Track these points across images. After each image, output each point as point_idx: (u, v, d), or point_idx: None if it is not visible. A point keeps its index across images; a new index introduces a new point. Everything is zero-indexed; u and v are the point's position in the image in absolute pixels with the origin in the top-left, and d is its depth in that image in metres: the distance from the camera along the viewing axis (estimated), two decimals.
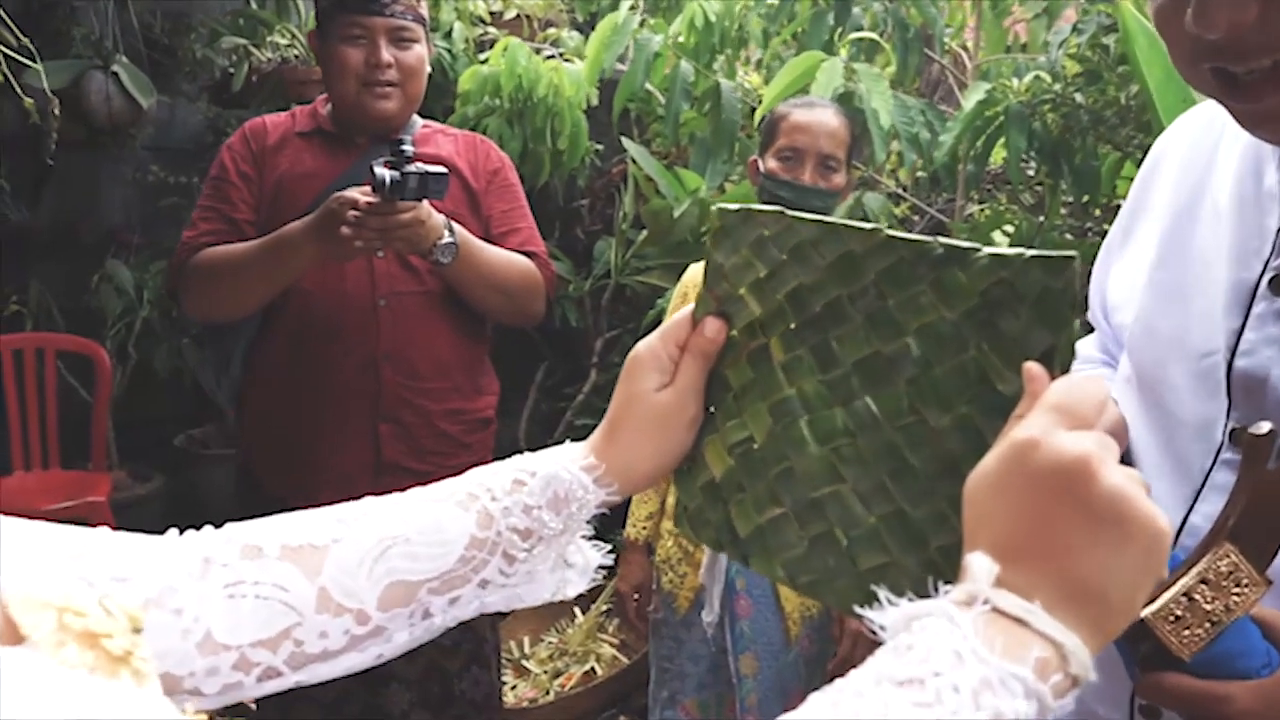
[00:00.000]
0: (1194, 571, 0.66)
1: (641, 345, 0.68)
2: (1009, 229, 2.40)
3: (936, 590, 0.47)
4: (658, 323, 2.07)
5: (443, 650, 1.80)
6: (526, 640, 2.71)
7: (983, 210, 2.38)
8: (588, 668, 2.56)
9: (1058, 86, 1.89)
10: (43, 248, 3.48)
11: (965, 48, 2.53)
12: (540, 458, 0.66)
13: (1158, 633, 0.66)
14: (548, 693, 2.51)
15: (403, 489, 1.86)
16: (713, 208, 0.69)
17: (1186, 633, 0.65)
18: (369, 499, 0.65)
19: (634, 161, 2.83)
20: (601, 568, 0.69)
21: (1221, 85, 0.69)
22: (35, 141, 3.48)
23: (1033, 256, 0.52)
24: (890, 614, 0.45)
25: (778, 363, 0.64)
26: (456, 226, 1.65)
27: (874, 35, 2.15)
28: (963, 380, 0.55)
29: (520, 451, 0.68)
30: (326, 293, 1.68)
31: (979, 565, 0.44)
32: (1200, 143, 0.87)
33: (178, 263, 1.69)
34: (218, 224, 1.70)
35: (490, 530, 0.63)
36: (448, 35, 2.97)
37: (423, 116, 1.86)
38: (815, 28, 2.09)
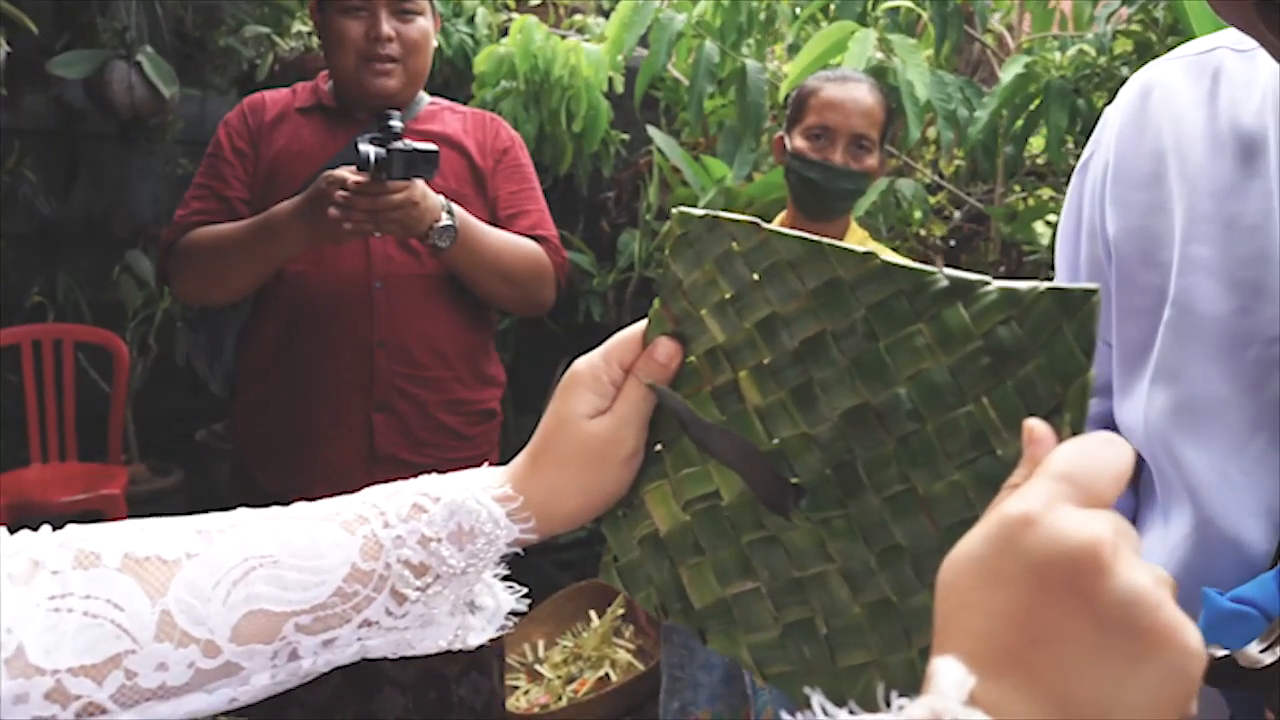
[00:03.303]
0: None
1: (580, 362, 0.58)
2: (1052, 219, 2.26)
3: (888, 703, 0.36)
4: None
5: (440, 654, 1.71)
6: (540, 644, 2.62)
7: (1020, 198, 2.25)
8: (602, 673, 2.46)
9: (1102, 60, 1.75)
10: (72, 241, 3.48)
11: (1010, 27, 2.40)
12: (447, 481, 0.56)
13: None
14: (560, 698, 2.42)
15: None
16: (673, 210, 0.58)
17: None
18: (242, 510, 0.55)
19: (659, 151, 2.74)
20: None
21: (1267, 19, 0.59)
22: (65, 134, 3.49)
23: (1046, 290, 0.44)
24: None
25: (753, 407, 0.54)
26: (456, 208, 1.56)
27: (910, 3, 2.03)
28: (956, 441, 0.46)
29: None
30: (320, 274, 1.60)
31: (948, 675, 0.34)
32: (1182, 105, 0.77)
33: (167, 243, 1.62)
34: (210, 202, 1.63)
35: (377, 562, 0.53)
36: (471, 20, 2.90)
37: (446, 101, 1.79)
38: (846, 2, 1.98)
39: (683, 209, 0.57)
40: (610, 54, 2.35)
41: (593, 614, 2.63)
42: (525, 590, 0.59)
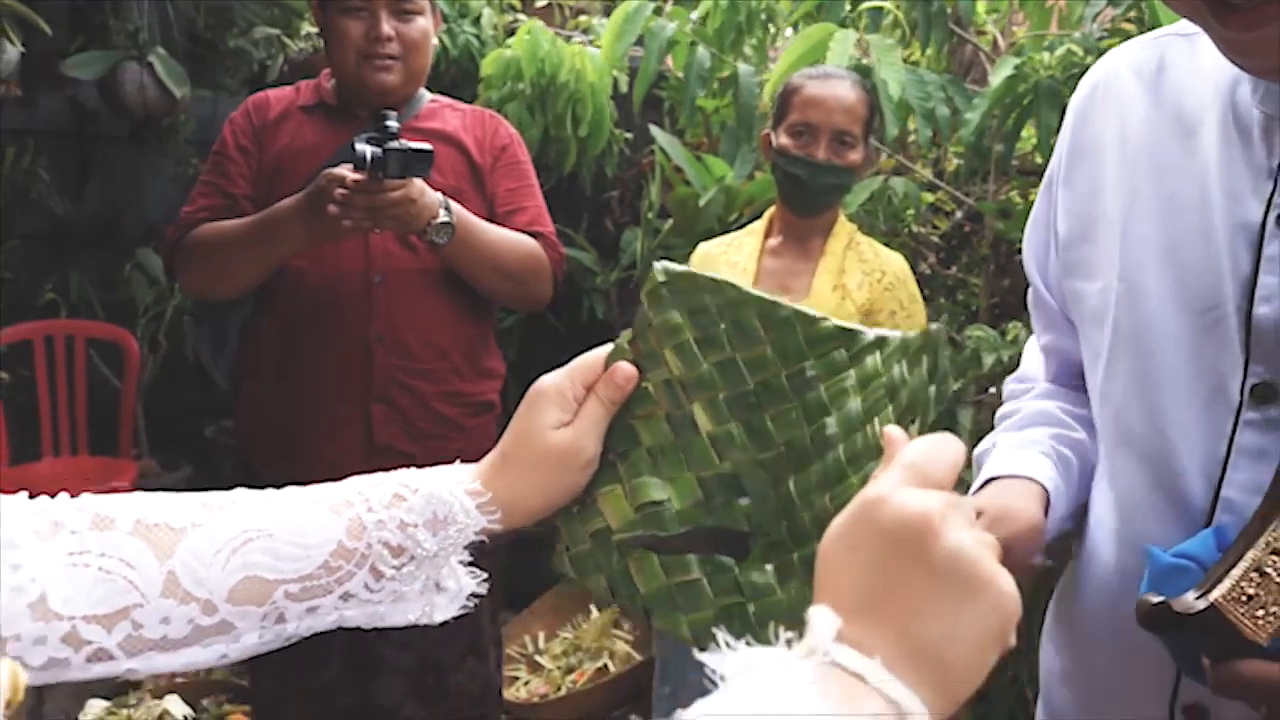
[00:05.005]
0: (1260, 544, 0.61)
1: (546, 379, 0.66)
2: None
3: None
4: None
5: (438, 641, 1.74)
6: (541, 635, 2.66)
7: (1019, 196, 2.27)
8: (601, 664, 2.50)
9: (1090, 60, 1.78)
10: (84, 239, 3.53)
11: (1003, 31, 2.43)
12: (424, 475, 0.64)
13: (1229, 617, 0.61)
14: (560, 689, 2.46)
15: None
16: (655, 265, 0.66)
17: (1261, 613, 0.61)
18: (240, 490, 0.62)
19: (662, 150, 2.77)
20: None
21: (1215, 12, 0.64)
22: (78, 134, 3.55)
23: (919, 333, 0.62)
24: (730, 660, 0.43)
25: (706, 433, 0.63)
26: (454, 205, 1.60)
27: (890, 6, 2.06)
28: (856, 455, 0.60)
29: None
30: (319, 269, 1.64)
31: (820, 619, 0.43)
32: (1128, 91, 0.82)
33: (172, 239, 1.67)
34: (215, 199, 1.67)
35: (360, 541, 0.60)
36: (476, 21, 2.94)
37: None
38: (832, 3, 2.01)
39: (665, 265, 0.65)
40: (607, 61, 2.38)
41: (592, 607, 2.67)
42: (486, 575, 0.67)
